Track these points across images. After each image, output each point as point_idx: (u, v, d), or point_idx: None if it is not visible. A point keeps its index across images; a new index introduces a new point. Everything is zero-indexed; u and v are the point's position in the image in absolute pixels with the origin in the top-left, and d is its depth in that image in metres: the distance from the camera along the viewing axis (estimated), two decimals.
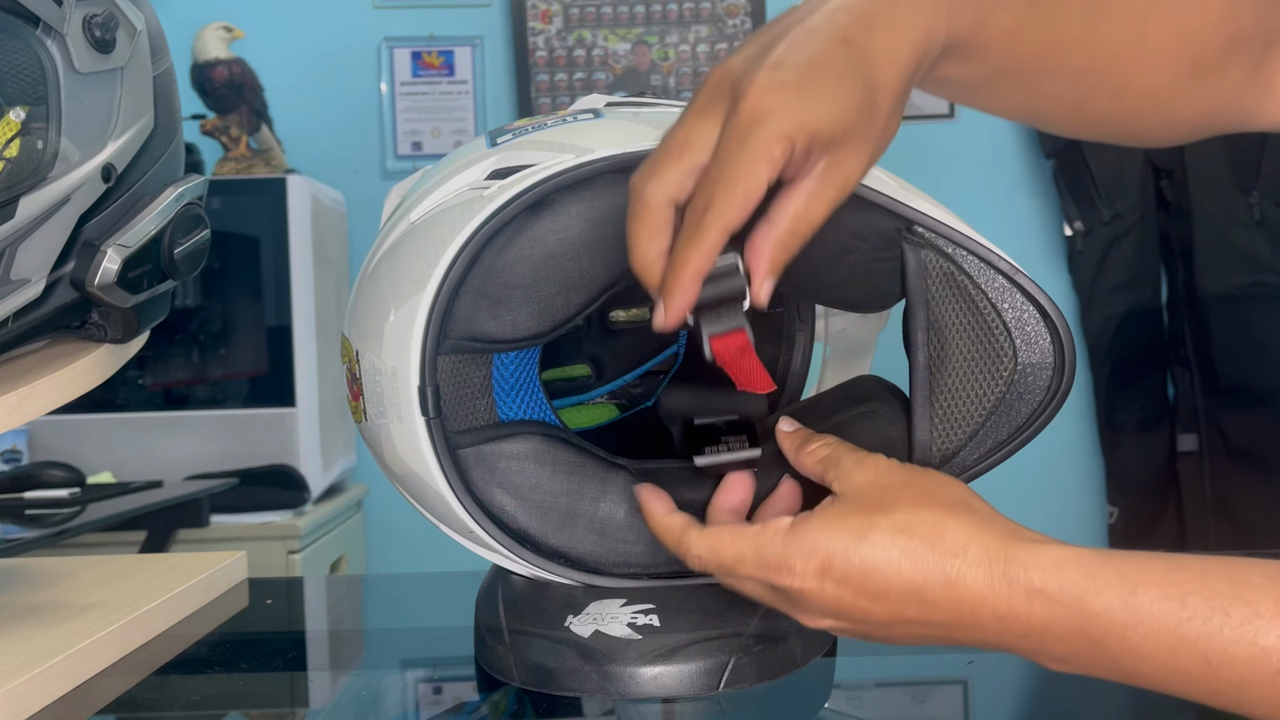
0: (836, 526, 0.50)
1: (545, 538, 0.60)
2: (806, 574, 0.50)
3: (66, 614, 0.72)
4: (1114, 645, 0.47)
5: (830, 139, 0.48)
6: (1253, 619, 0.45)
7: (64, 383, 0.67)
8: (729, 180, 0.47)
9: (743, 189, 0.47)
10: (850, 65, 0.48)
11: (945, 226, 0.58)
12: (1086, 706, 0.60)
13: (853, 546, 0.49)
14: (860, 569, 0.49)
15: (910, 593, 0.49)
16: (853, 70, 0.48)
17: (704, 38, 2.93)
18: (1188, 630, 0.45)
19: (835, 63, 0.48)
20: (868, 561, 0.49)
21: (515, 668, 0.61)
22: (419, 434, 0.57)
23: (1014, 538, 0.49)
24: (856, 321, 0.76)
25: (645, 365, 0.78)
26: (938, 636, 0.50)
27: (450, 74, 2.92)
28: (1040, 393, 0.59)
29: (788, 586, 0.51)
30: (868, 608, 0.50)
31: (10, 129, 0.59)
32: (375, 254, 0.62)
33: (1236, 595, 0.45)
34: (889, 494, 0.51)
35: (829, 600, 0.50)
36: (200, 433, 2.31)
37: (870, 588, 0.49)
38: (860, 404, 0.62)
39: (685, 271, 0.48)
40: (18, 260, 0.61)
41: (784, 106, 0.47)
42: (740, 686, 0.59)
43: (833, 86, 0.47)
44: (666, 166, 0.49)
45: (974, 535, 0.49)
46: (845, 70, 0.48)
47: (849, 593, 0.49)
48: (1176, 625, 0.46)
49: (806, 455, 0.56)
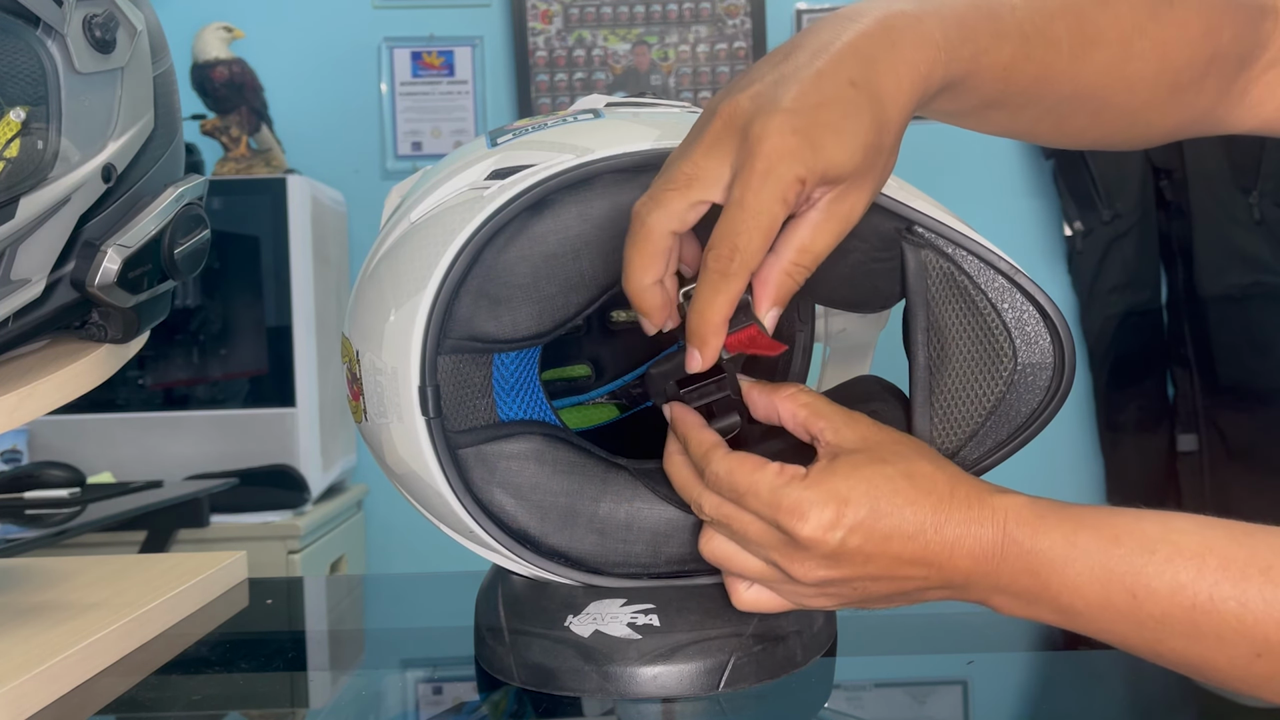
0: (855, 475, 0.53)
1: (545, 537, 0.60)
2: (820, 522, 0.52)
3: (66, 614, 0.72)
4: (1054, 581, 0.51)
5: (838, 178, 0.50)
6: (1175, 557, 0.50)
7: (64, 383, 0.67)
8: (752, 227, 0.49)
9: (764, 234, 0.50)
10: (859, 108, 0.50)
11: (945, 226, 0.58)
12: (1086, 707, 0.60)
13: (869, 493, 0.52)
14: (873, 513, 0.52)
15: (911, 536, 0.52)
16: (861, 112, 0.50)
17: (704, 38, 2.93)
18: (1117, 565, 0.50)
19: (845, 106, 0.49)
20: (880, 508, 0.52)
21: (515, 668, 0.61)
22: (419, 434, 0.57)
23: (983, 487, 0.54)
24: (856, 322, 0.76)
25: (645, 365, 0.78)
26: (916, 585, 0.53)
27: (450, 74, 2.92)
28: (1040, 393, 0.59)
29: (796, 532, 0.52)
30: (871, 553, 0.52)
31: (10, 129, 0.59)
32: (375, 254, 0.62)
33: (1163, 538, 0.51)
34: (887, 446, 0.54)
35: (832, 545, 0.52)
36: (200, 433, 2.31)
37: (879, 532, 0.52)
38: (860, 404, 0.62)
39: (717, 318, 0.51)
40: (18, 260, 0.61)
41: (799, 151, 0.48)
42: (740, 686, 0.59)
43: (844, 130, 0.49)
44: (672, 198, 0.51)
45: (956, 484, 0.54)
46: (854, 113, 0.50)
47: (858, 538, 0.52)
48: (1108, 560, 0.50)
49: (786, 400, 0.57)
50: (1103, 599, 0.51)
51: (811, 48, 0.51)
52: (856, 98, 0.50)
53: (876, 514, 0.52)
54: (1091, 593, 0.51)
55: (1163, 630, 0.50)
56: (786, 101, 0.49)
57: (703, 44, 2.93)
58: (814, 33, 0.52)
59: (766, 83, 0.50)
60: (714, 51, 2.93)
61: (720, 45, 2.93)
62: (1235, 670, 0.50)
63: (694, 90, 2.92)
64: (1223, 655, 0.49)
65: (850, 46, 0.51)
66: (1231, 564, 0.49)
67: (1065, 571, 0.51)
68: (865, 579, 0.54)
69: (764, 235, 0.50)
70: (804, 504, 0.52)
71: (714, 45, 2.93)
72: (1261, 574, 0.49)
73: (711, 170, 0.51)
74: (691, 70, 2.93)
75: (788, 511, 0.52)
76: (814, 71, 0.50)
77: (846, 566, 0.53)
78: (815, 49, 0.51)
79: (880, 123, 0.51)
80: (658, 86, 2.92)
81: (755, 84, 0.51)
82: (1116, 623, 0.51)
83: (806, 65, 0.50)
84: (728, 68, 2.93)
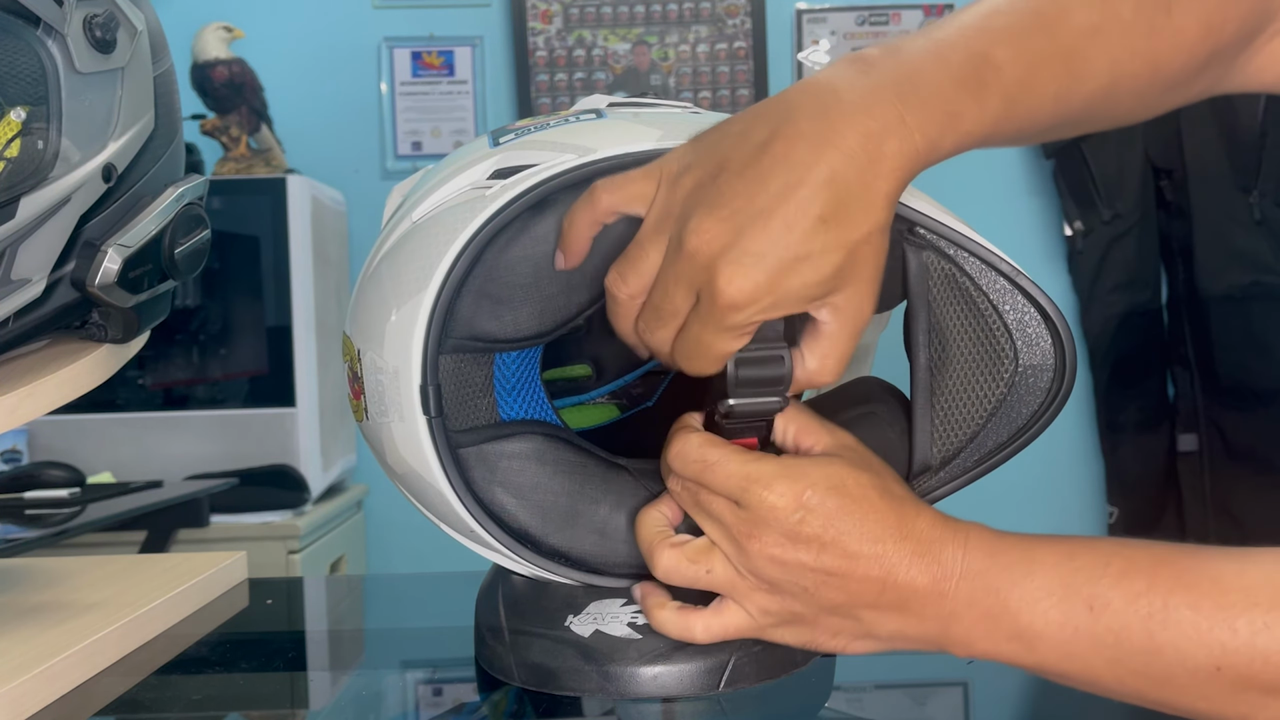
0: (829, 468, 0.54)
1: (546, 538, 0.60)
2: (787, 493, 0.53)
3: (66, 614, 0.72)
4: (1014, 596, 0.51)
5: (814, 300, 0.51)
6: (1128, 569, 0.50)
7: (64, 383, 0.67)
8: (704, 355, 0.53)
9: (714, 360, 0.53)
10: (829, 245, 0.50)
11: (946, 228, 0.58)
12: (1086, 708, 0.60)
13: (839, 487, 0.53)
14: (839, 506, 0.53)
15: (873, 539, 0.53)
16: (831, 250, 0.50)
17: (704, 38, 2.93)
18: (1073, 578, 0.51)
19: (812, 248, 0.49)
20: (845, 504, 0.53)
21: (515, 668, 0.61)
22: (420, 433, 0.57)
23: (948, 517, 0.55)
24: None
25: (646, 365, 0.78)
26: (868, 599, 0.53)
27: (450, 74, 2.92)
28: (1041, 394, 0.59)
29: (761, 500, 0.53)
30: (827, 542, 0.53)
31: (11, 129, 0.59)
32: (377, 253, 0.62)
33: (1116, 553, 0.51)
34: (867, 459, 0.56)
35: (791, 521, 0.53)
36: (200, 433, 2.31)
37: (841, 524, 0.53)
38: (859, 405, 0.62)
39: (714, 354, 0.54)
40: (18, 260, 0.61)
41: (756, 299, 0.50)
42: (740, 686, 0.59)
43: (809, 270, 0.50)
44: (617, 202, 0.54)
45: (922, 508, 0.55)
46: (824, 252, 0.50)
47: (818, 521, 0.53)
48: (1064, 574, 0.51)
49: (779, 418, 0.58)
50: (1061, 616, 0.50)
51: (787, 169, 0.49)
52: (827, 237, 0.49)
53: (842, 507, 0.53)
54: (1050, 607, 0.51)
55: (1121, 646, 0.49)
56: (745, 244, 0.49)
57: (703, 44, 2.93)
58: (796, 135, 0.50)
59: (739, 213, 0.49)
60: (714, 51, 2.93)
61: (720, 45, 2.93)
62: (1198, 686, 0.49)
63: (694, 90, 2.93)
64: (1183, 669, 0.49)
65: (827, 179, 0.49)
66: (1184, 574, 0.49)
67: (1025, 585, 0.51)
68: (818, 574, 0.53)
69: (716, 361, 0.53)
70: (773, 477, 0.53)
71: (714, 45, 2.93)
72: (1212, 582, 0.49)
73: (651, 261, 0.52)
74: (691, 70, 2.93)
75: (757, 481, 0.53)
76: (783, 210, 0.49)
77: (802, 551, 0.53)
78: (788, 172, 0.49)
79: (851, 245, 0.50)
80: (658, 86, 2.92)
81: (726, 205, 0.50)
82: (1076, 641, 0.50)
83: (775, 198, 0.49)
84: (728, 68, 2.93)
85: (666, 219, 0.52)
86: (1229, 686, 0.48)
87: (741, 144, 0.51)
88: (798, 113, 0.51)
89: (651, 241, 0.52)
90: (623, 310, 0.54)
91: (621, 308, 0.54)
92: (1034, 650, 0.52)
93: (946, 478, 0.60)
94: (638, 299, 0.53)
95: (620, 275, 0.53)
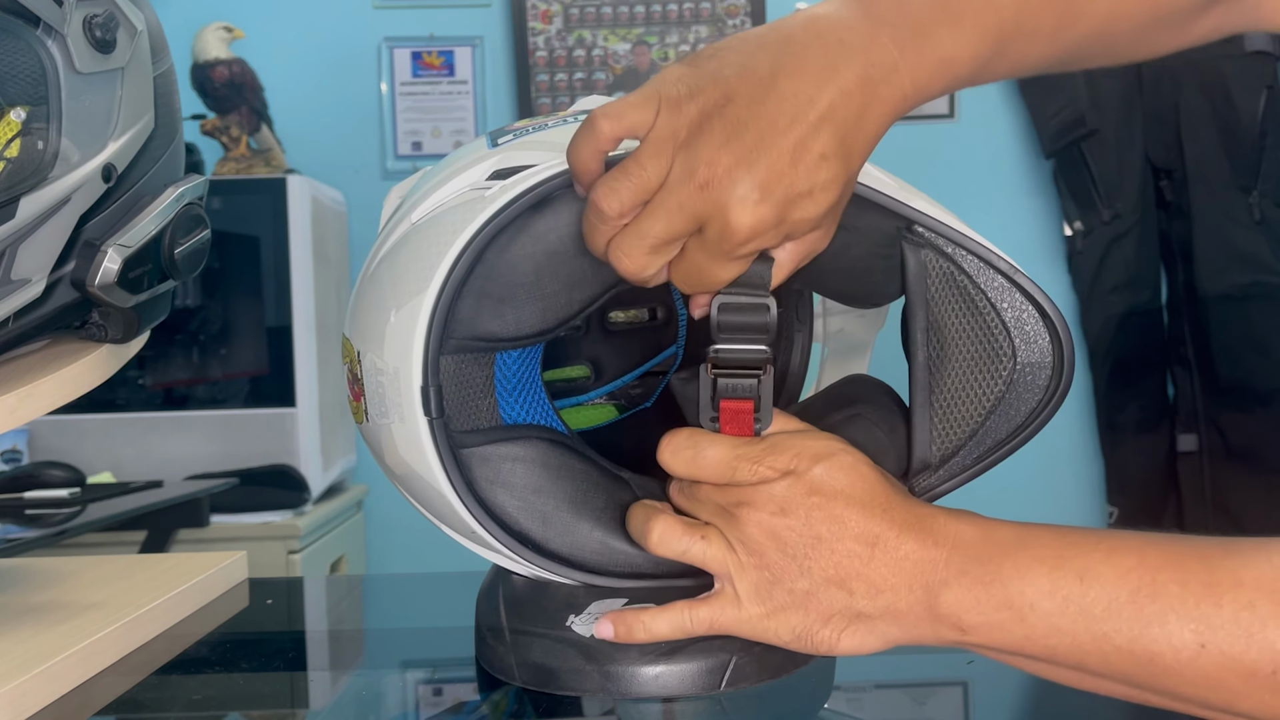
0: (817, 439, 0.56)
1: (547, 542, 0.60)
2: (776, 464, 0.55)
3: (66, 614, 0.72)
4: (1007, 565, 0.52)
5: (810, 231, 0.54)
6: (1118, 547, 0.51)
7: (64, 383, 0.67)
8: (706, 281, 0.54)
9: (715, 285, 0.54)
10: (829, 181, 0.51)
11: (945, 226, 0.58)
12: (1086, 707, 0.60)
13: (830, 452, 0.55)
14: (826, 466, 0.55)
15: (862, 504, 0.54)
16: (831, 185, 0.52)
17: (704, 38, 2.93)
18: (1065, 550, 0.52)
19: (815, 182, 0.51)
20: (839, 466, 0.55)
21: (516, 667, 0.61)
22: (421, 434, 0.57)
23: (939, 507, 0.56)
24: (854, 321, 0.76)
25: (644, 366, 0.78)
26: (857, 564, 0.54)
27: (450, 74, 2.92)
28: (1039, 392, 0.59)
29: (751, 473, 0.55)
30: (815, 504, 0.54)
31: (11, 129, 0.59)
32: (376, 254, 0.62)
33: (1107, 535, 0.52)
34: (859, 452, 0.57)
35: (780, 490, 0.54)
36: (200, 433, 2.31)
37: (832, 484, 0.54)
38: (845, 407, 0.63)
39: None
40: (18, 260, 0.61)
41: (765, 231, 0.51)
42: (741, 686, 0.59)
43: (810, 204, 0.51)
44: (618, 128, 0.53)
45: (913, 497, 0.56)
46: (824, 188, 0.51)
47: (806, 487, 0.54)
48: (1057, 547, 0.52)
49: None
50: (1051, 584, 0.51)
51: (795, 105, 0.50)
52: (826, 171, 0.51)
53: (829, 474, 0.54)
54: (1041, 575, 0.51)
55: (1109, 619, 0.50)
56: (758, 180, 0.50)
57: (703, 44, 2.93)
58: (800, 71, 0.51)
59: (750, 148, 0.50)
60: None
61: None
62: (1181, 667, 0.49)
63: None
64: (1168, 646, 0.49)
65: (827, 114, 0.51)
66: (1170, 553, 0.50)
67: (1018, 555, 0.52)
68: (807, 539, 0.54)
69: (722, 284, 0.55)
70: (761, 451, 0.55)
71: None
72: (1200, 562, 0.49)
73: (659, 172, 0.52)
74: None
75: (745, 456, 0.55)
76: (789, 146, 0.50)
77: (791, 517, 0.54)
78: (794, 108, 0.50)
79: (846, 180, 0.52)
80: None
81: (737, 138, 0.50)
82: (1065, 612, 0.51)
83: (783, 134, 0.50)
84: None
85: (668, 142, 0.51)
86: (1212, 667, 0.48)
87: (747, 76, 0.51)
88: (799, 48, 0.52)
89: (652, 161, 0.52)
90: (605, 228, 0.54)
91: (606, 225, 0.53)
92: (1024, 620, 0.52)
93: (946, 475, 0.60)
94: (626, 217, 0.53)
95: (613, 190, 0.52)
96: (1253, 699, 0.48)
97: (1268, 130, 2.56)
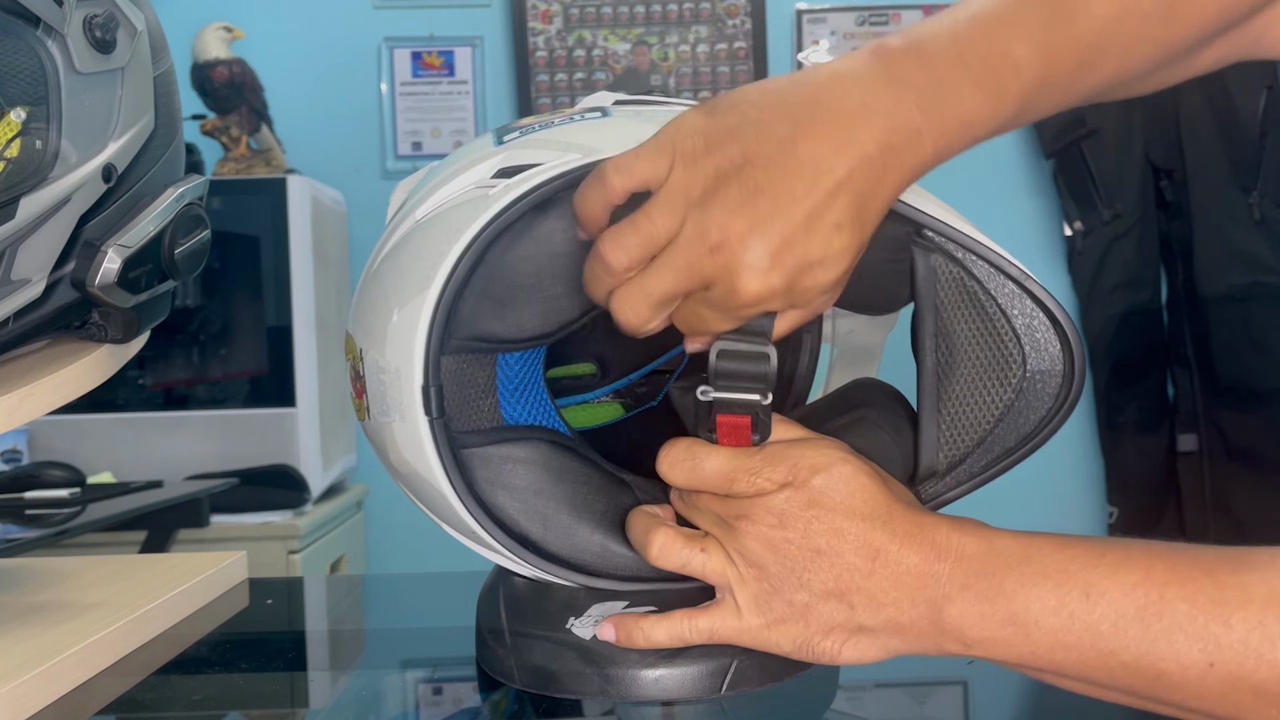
0: (817, 450, 0.55)
1: (547, 545, 0.60)
2: (774, 475, 0.54)
3: (66, 614, 0.72)
4: (1010, 579, 0.51)
5: (818, 300, 0.53)
6: (1124, 560, 0.50)
7: (64, 383, 0.67)
8: (701, 331, 0.54)
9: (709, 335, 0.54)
10: (841, 252, 0.51)
11: (955, 231, 0.58)
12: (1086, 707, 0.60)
13: (829, 463, 0.54)
14: (826, 478, 0.54)
15: (863, 516, 0.53)
16: (842, 256, 0.51)
17: (704, 38, 2.93)
18: (1070, 564, 0.51)
19: (827, 252, 0.51)
20: (838, 477, 0.54)
21: (516, 669, 0.61)
22: (422, 434, 0.57)
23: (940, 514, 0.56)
24: (864, 324, 0.75)
25: (651, 364, 0.78)
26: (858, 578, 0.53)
27: (450, 74, 2.92)
28: (1049, 400, 0.58)
29: (750, 485, 0.54)
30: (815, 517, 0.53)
31: (10, 129, 0.59)
32: (380, 251, 0.62)
33: (1112, 546, 0.51)
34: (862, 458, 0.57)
35: (779, 503, 0.54)
36: (200, 433, 2.31)
37: (832, 496, 0.53)
38: (849, 412, 0.62)
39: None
40: (18, 260, 0.61)
41: (772, 298, 0.51)
42: (743, 689, 0.59)
43: (821, 274, 0.51)
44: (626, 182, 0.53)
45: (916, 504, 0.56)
46: (836, 258, 0.51)
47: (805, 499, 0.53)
48: (1061, 560, 0.51)
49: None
50: (1057, 600, 0.50)
51: (814, 172, 0.50)
52: (840, 241, 0.51)
53: (829, 486, 0.53)
54: (1046, 591, 0.50)
55: (1116, 636, 0.49)
56: (772, 246, 0.49)
57: (703, 44, 2.93)
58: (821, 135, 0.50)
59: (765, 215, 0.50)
60: (714, 51, 2.93)
61: (720, 45, 2.93)
62: (1189, 683, 0.48)
63: (694, 90, 2.92)
64: (1176, 664, 0.48)
65: (845, 182, 0.50)
66: (1177, 567, 0.49)
67: (1021, 569, 0.51)
68: (806, 552, 0.53)
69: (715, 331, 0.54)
70: (760, 463, 0.54)
71: (714, 45, 2.93)
72: (1208, 577, 0.49)
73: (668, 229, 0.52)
74: (691, 70, 2.93)
75: (744, 468, 0.54)
76: (804, 215, 0.50)
77: (790, 529, 0.53)
78: (813, 175, 0.50)
79: (859, 249, 0.52)
80: (658, 86, 2.92)
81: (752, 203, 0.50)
82: (1071, 628, 0.50)
83: (799, 202, 0.50)
84: (728, 68, 2.93)
85: (680, 198, 0.51)
86: (1220, 684, 0.48)
87: (766, 136, 0.50)
88: (821, 110, 0.51)
89: (663, 217, 0.51)
90: (610, 280, 0.53)
91: (611, 277, 0.53)
92: (1029, 637, 0.51)
93: (953, 482, 0.60)
94: (632, 271, 0.52)
95: (620, 245, 0.52)
96: (1260, 713, 0.48)
97: (1268, 130, 2.56)
